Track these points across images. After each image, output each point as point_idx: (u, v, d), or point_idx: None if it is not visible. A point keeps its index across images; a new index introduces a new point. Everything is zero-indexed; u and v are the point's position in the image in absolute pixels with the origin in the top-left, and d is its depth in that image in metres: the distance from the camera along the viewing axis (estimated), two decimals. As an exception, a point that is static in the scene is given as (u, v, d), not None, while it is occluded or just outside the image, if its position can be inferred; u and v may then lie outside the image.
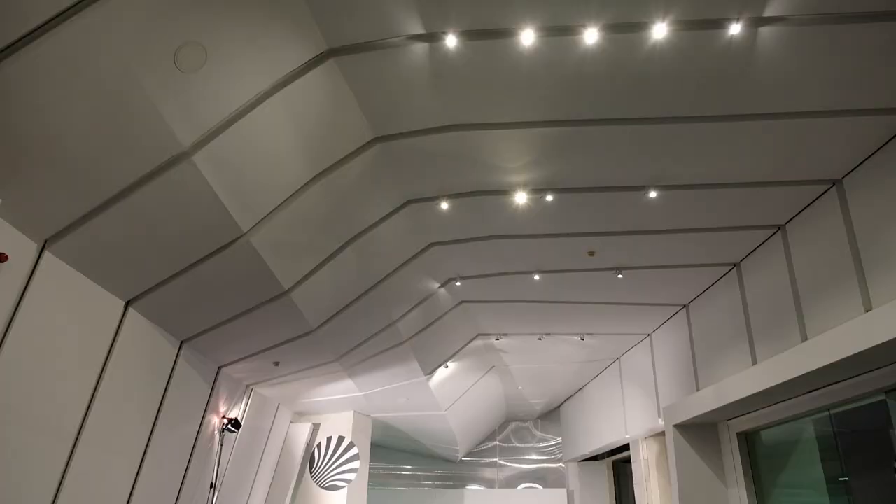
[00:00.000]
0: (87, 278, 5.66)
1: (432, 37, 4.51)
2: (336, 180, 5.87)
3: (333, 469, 12.41)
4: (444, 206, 6.72)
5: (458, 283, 8.97)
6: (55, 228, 5.00)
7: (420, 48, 4.62)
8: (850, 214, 6.19)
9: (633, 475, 12.60)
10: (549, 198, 6.56)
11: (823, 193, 6.55)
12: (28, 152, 4.26)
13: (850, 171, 6.17)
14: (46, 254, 5.12)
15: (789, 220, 7.16)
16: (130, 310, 6.34)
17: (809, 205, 6.79)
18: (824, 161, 6.03)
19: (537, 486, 17.51)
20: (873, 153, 5.85)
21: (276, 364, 9.05)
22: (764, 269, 7.72)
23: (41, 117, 4.09)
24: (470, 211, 6.95)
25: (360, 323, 8.64)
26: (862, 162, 5.99)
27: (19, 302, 5.00)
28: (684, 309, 9.93)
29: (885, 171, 5.73)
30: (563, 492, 16.58)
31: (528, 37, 4.46)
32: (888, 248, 5.67)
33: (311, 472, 12.49)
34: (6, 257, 4.71)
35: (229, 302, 6.90)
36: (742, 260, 8.20)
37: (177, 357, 7.45)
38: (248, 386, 9.93)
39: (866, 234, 5.98)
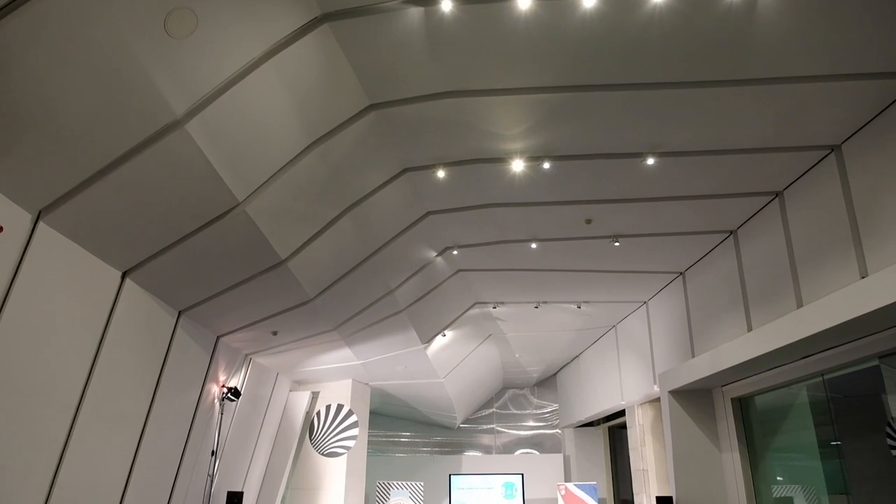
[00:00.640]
0: (82, 249, 5.64)
1: (428, 0, 4.42)
2: (332, 148, 5.82)
3: (333, 436, 12.57)
4: (441, 174, 6.68)
5: (455, 252, 8.97)
6: (49, 199, 4.96)
7: (415, 12, 4.53)
8: (849, 180, 6.17)
9: (629, 440, 12.80)
10: (547, 165, 6.52)
11: (822, 159, 6.53)
12: (19, 122, 4.20)
13: (849, 137, 6.14)
14: (41, 224, 5.09)
15: (787, 187, 7.14)
16: (127, 280, 6.33)
17: (808, 171, 6.76)
18: (823, 126, 5.99)
19: (534, 451, 17.79)
20: (873, 118, 5.81)
21: (275, 333, 9.09)
22: (761, 236, 7.72)
23: (32, 86, 4.02)
24: (467, 179, 6.92)
25: (357, 292, 8.66)
26: (861, 127, 5.95)
27: (15, 273, 4.99)
28: (681, 276, 9.97)
29: (885, 137, 5.70)
30: (559, 457, 16.86)
31: (524, 0, 4.38)
32: (885, 215, 5.66)
33: (310, 440, 12.66)
34: (1, 229, 4.69)
35: (226, 272, 6.90)
36: (739, 227, 8.20)
37: (175, 327, 7.47)
38: (246, 355, 9.99)
39: (864, 201, 5.97)
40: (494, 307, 11.56)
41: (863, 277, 5.86)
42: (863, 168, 6.01)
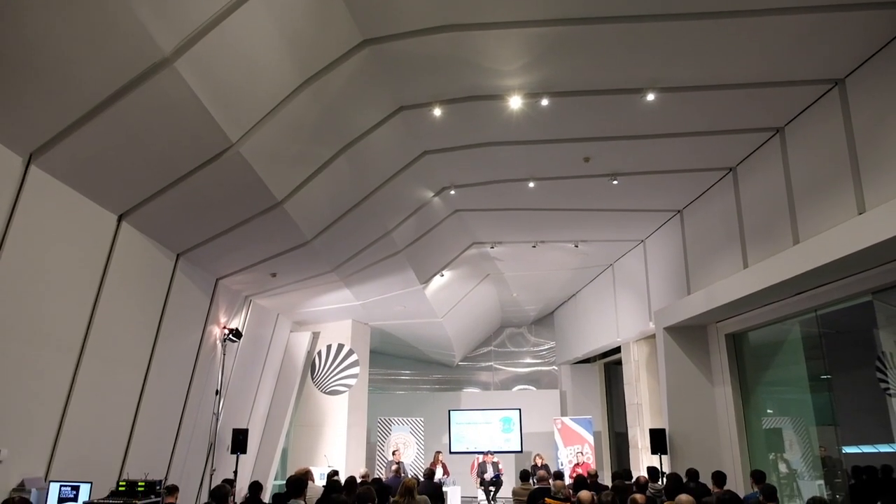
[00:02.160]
0: (77, 192, 5.59)
1: (421, -72, 4.24)
2: (325, 86, 5.69)
3: (334, 375, 12.83)
4: (437, 112, 6.56)
5: (452, 192, 8.92)
6: (39, 141, 4.89)
7: (409, -59, 4.35)
8: (851, 115, 6.09)
9: (624, 376, 13.09)
10: (545, 102, 6.41)
11: (825, 94, 6.41)
12: (4, 62, 4.09)
13: (852, 71, 6.01)
14: (33, 168, 5.03)
15: (788, 123, 7.05)
16: (124, 223, 6.31)
17: (809, 106, 6.66)
18: (827, 60, 5.86)
19: (531, 388, 18.21)
20: (878, 51, 5.68)
21: (274, 275, 9.13)
22: (760, 173, 7.68)
23: (18, 26, 3.89)
24: (464, 117, 6.80)
25: (355, 233, 8.65)
26: (866, 60, 5.83)
27: (10, 218, 4.96)
28: (678, 214, 9.96)
29: (890, 70, 5.58)
30: (556, 393, 17.28)
31: (523, -73, 4.20)
32: (886, 150, 5.61)
33: (312, 379, 12.92)
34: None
35: (223, 214, 6.87)
36: (738, 164, 8.14)
37: (174, 270, 7.50)
38: (246, 297, 10.07)
39: (865, 136, 5.91)
40: (492, 247, 11.60)
41: (860, 213, 5.85)
42: (866, 102, 5.91)
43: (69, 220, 5.62)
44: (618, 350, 13.65)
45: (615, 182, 8.39)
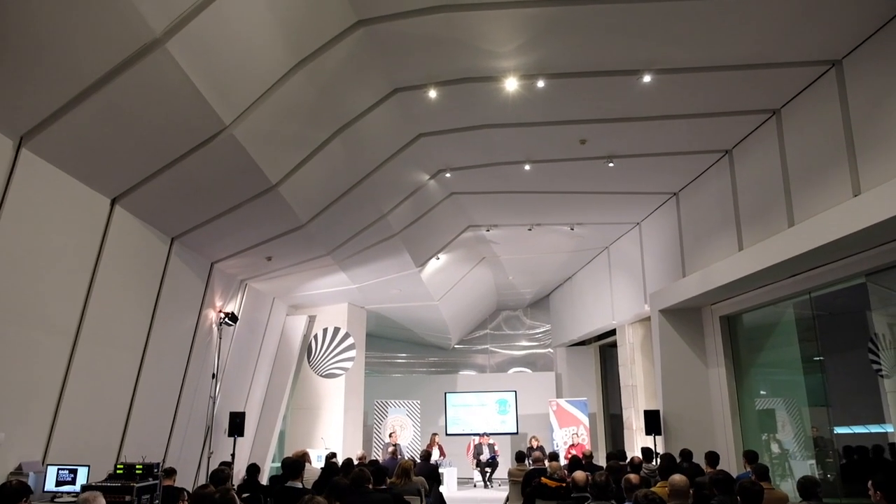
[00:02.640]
0: (69, 176, 5.54)
1: None
2: (319, 68, 5.64)
3: (331, 358, 12.85)
4: (433, 94, 6.51)
5: (447, 175, 8.89)
6: (30, 124, 4.83)
7: (403, -81, 4.29)
8: (847, 97, 6.07)
9: (619, 358, 13.16)
10: (541, 84, 6.36)
11: (822, 75, 6.38)
12: (-9, 42, 4.03)
13: (850, 52, 5.98)
14: (24, 151, 4.98)
15: (785, 105, 7.02)
16: (117, 207, 6.27)
17: (806, 88, 6.63)
18: (824, 40, 5.82)
19: (527, 370, 18.30)
20: (876, 31, 5.64)
21: (269, 259, 9.11)
22: (756, 156, 7.66)
23: (7, 7, 3.83)
24: (459, 99, 6.76)
25: (350, 216, 8.63)
26: (864, 41, 5.79)
27: (2, 201, 4.92)
28: (674, 197, 9.95)
29: (888, 50, 5.56)
30: (551, 375, 17.37)
31: None
32: (883, 132, 5.60)
33: (309, 362, 12.95)
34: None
35: (217, 197, 6.83)
36: (734, 146, 8.13)
37: (169, 254, 7.47)
38: (242, 281, 10.06)
39: (862, 118, 5.89)
40: (488, 230, 11.59)
41: (856, 195, 5.86)
42: (863, 84, 5.89)
43: (62, 203, 5.58)
44: (613, 332, 13.71)
45: (611, 164, 8.37)
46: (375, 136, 7.25)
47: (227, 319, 9.28)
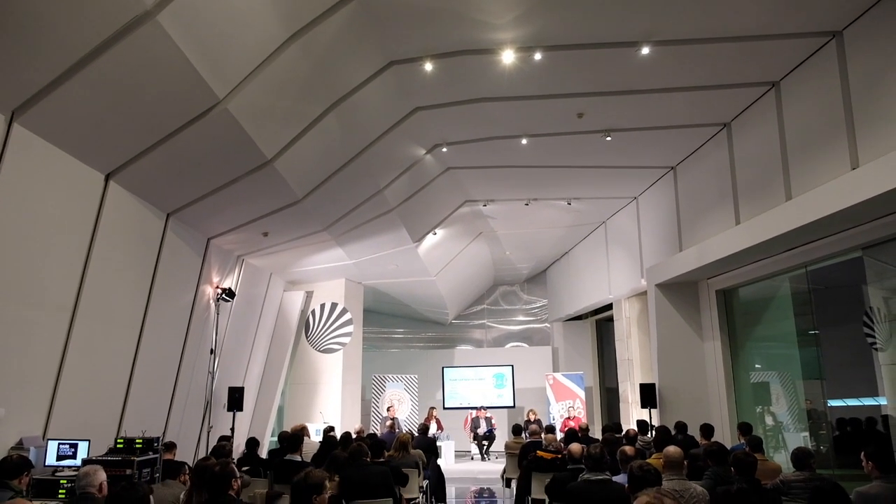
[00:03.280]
0: (62, 151, 5.49)
1: None
2: (314, 40, 5.55)
3: (328, 334, 12.91)
4: (429, 67, 6.44)
5: (444, 149, 8.83)
6: (21, 99, 4.77)
7: None
8: (847, 69, 6.02)
9: (615, 332, 13.24)
10: (538, 56, 6.29)
11: (822, 47, 6.32)
12: (-22, 13, 3.95)
13: (851, 22, 5.91)
14: (16, 126, 4.92)
15: (784, 77, 6.96)
16: (111, 183, 6.22)
17: (806, 59, 6.57)
18: (825, 11, 5.75)
19: (524, 345, 18.42)
20: (876, 2, 5.58)
21: (266, 235, 9.09)
22: (754, 129, 7.62)
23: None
24: (455, 72, 6.68)
25: (346, 191, 8.59)
26: (865, 11, 5.73)
27: (-5, 177, 4.88)
28: (672, 171, 9.92)
29: (888, 22, 5.49)
30: (548, 349, 17.49)
31: None
32: (882, 104, 5.56)
33: (307, 337, 13.00)
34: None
35: (213, 173, 6.78)
36: (733, 119, 8.08)
37: (164, 229, 7.44)
38: (239, 256, 10.04)
39: (861, 90, 5.85)
40: (485, 205, 11.55)
41: (854, 169, 5.84)
42: (863, 55, 5.84)
43: (56, 179, 5.53)
44: (609, 307, 13.77)
45: (608, 138, 8.32)
46: (371, 110, 7.18)
47: (224, 295, 9.28)
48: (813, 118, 6.52)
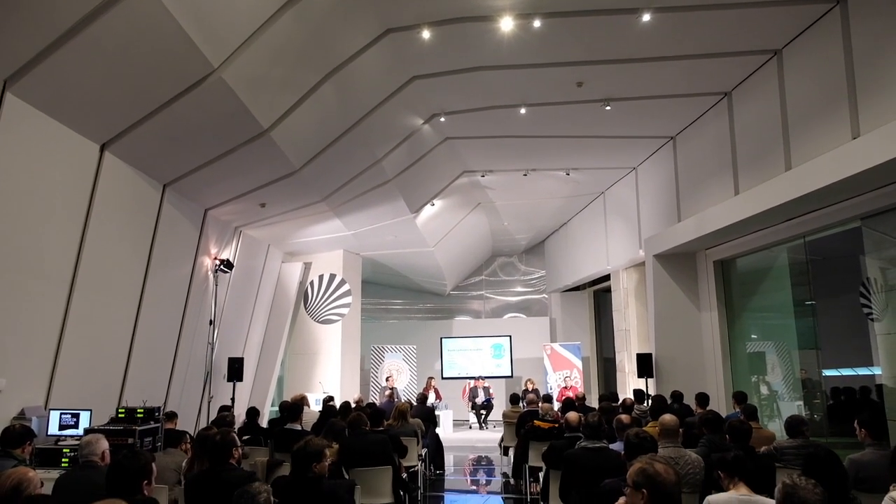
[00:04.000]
0: (56, 121, 5.43)
1: None
2: (309, 7, 5.45)
3: (327, 305, 12.95)
4: (426, 34, 6.34)
5: (442, 119, 8.75)
6: (12, 68, 4.70)
7: None
8: (851, 36, 5.93)
9: (613, 303, 13.30)
10: (537, 23, 6.19)
11: (825, 14, 6.23)
12: (-35, -21, 3.87)
13: (856, -12, 5.82)
14: (8, 95, 4.86)
15: (786, 45, 6.87)
16: (107, 153, 6.17)
17: (809, 27, 6.48)
18: (830, -23, 5.66)
19: (522, 315, 18.51)
20: (883, -33, 5.48)
21: (263, 206, 9.05)
22: (755, 98, 7.55)
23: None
24: (453, 40, 6.58)
25: (344, 162, 8.53)
26: (870, -23, 5.63)
27: (-12, 147, 4.83)
28: (671, 141, 9.85)
29: (893, -12, 5.40)
30: (545, 320, 17.58)
31: None
32: (885, 73, 5.50)
33: (306, 308, 13.05)
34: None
35: (209, 143, 6.72)
36: (734, 88, 7.99)
37: (161, 200, 7.40)
38: (236, 228, 10.02)
39: (864, 58, 5.78)
40: (483, 175, 11.50)
41: (854, 138, 5.80)
42: (867, 24, 5.75)
43: (51, 150, 5.48)
44: (607, 278, 13.80)
45: (608, 108, 8.24)
46: (368, 79, 7.09)
47: (222, 266, 9.28)
48: (814, 87, 6.45)
